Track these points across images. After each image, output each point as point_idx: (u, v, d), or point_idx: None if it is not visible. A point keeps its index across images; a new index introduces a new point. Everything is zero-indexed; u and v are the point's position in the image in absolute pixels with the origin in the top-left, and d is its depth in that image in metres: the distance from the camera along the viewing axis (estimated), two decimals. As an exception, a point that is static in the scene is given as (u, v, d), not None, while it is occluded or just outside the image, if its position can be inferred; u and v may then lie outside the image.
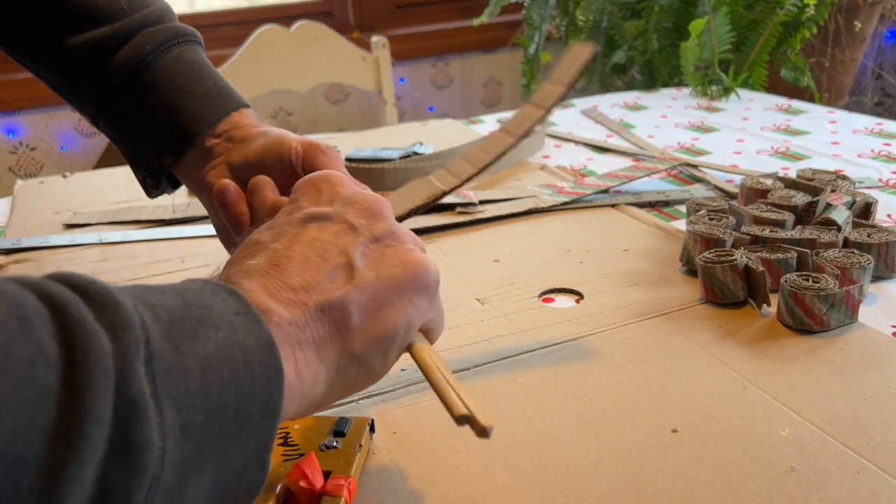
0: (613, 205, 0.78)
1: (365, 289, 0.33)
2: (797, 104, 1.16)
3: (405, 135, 1.09)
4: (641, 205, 0.79)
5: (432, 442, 0.43)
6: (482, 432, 0.32)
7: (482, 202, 0.79)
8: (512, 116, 0.57)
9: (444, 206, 0.77)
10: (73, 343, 0.22)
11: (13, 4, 0.53)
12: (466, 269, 0.65)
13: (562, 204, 0.78)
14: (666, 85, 1.47)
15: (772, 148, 0.96)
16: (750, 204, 0.68)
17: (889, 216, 0.73)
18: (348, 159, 0.92)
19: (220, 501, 0.27)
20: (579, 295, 0.60)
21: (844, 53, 1.67)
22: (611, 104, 1.24)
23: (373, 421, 0.43)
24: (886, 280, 0.60)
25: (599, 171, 0.90)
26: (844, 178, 0.73)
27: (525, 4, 1.81)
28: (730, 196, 0.78)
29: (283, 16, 1.94)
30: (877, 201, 0.68)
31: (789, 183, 0.72)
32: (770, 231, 0.62)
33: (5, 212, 0.90)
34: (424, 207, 0.55)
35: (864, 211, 0.68)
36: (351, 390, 0.35)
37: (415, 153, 0.95)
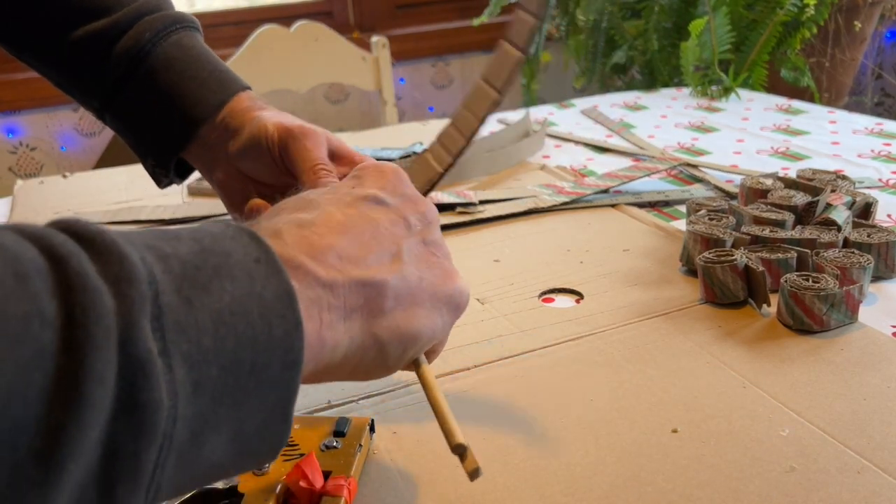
0: (613, 205, 0.78)
1: (406, 281, 0.34)
2: (797, 104, 1.16)
3: (405, 135, 1.09)
4: (641, 205, 0.79)
5: (432, 442, 0.43)
6: (475, 472, 0.32)
7: (482, 202, 0.79)
8: (490, 60, 0.55)
9: (444, 206, 0.77)
10: (73, 299, 0.21)
11: (14, 4, 0.53)
12: (466, 269, 0.65)
13: (562, 204, 0.78)
14: (666, 85, 1.47)
15: (772, 148, 0.96)
16: (750, 204, 0.68)
17: (889, 216, 0.73)
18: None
19: (242, 458, 0.27)
20: (579, 295, 0.60)
21: (844, 53, 1.67)
22: (611, 104, 1.24)
23: (373, 421, 0.43)
24: (886, 280, 0.60)
25: (599, 171, 0.90)
26: (844, 178, 0.73)
27: (525, 4, 1.80)
28: (730, 196, 0.78)
29: (283, 16, 1.94)
30: (877, 201, 0.68)
31: (789, 183, 0.72)
32: (770, 231, 0.62)
33: (5, 212, 0.90)
34: (426, 193, 0.55)
35: (864, 211, 0.68)
36: (359, 374, 0.34)
37: (415, 153, 0.94)
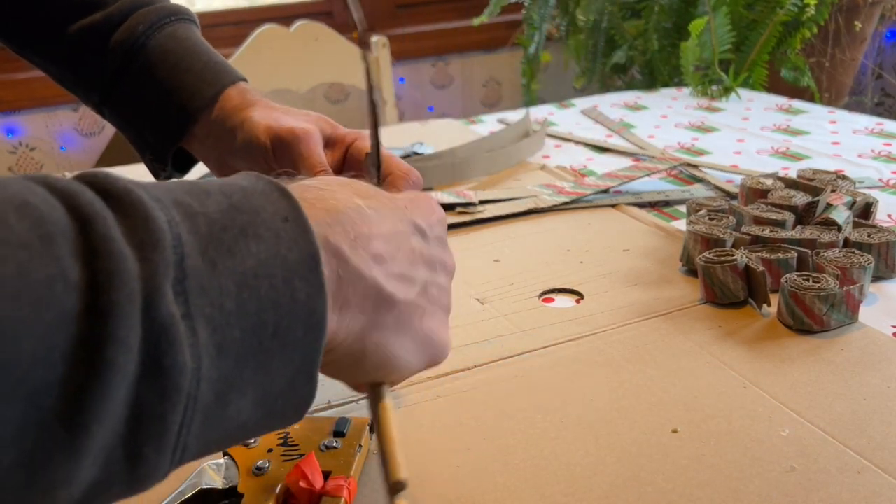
0: (613, 205, 0.78)
1: (412, 310, 0.34)
2: (797, 104, 1.16)
3: (405, 135, 1.10)
4: (641, 205, 0.79)
5: (432, 442, 0.43)
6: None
7: (482, 202, 0.79)
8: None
9: (444, 207, 0.77)
10: (97, 264, 0.21)
11: (14, 2, 0.53)
12: (466, 269, 0.65)
13: (562, 204, 0.78)
14: (666, 85, 1.47)
15: (772, 148, 0.96)
16: (750, 204, 0.68)
17: (889, 216, 0.73)
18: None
19: (268, 419, 0.27)
20: (579, 295, 0.60)
21: (844, 53, 1.67)
22: (611, 104, 1.24)
23: (373, 421, 0.43)
24: (886, 280, 0.60)
25: (599, 171, 0.90)
26: (845, 178, 0.73)
27: (525, 4, 1.81)
28: (730, 196, 0.78)
29: (283, 16, 1.94)
30: (877, 201, 0.68)
31: (789, 183, 0.72)
32: (770, 231, 0.62)
33: (5, 212, 0.90)
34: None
35: (865, 211, 0.67)
36: (337, 373, 0.34)
37: (415, 153, 0.95)
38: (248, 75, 0.57)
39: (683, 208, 0.76)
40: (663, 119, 1.14)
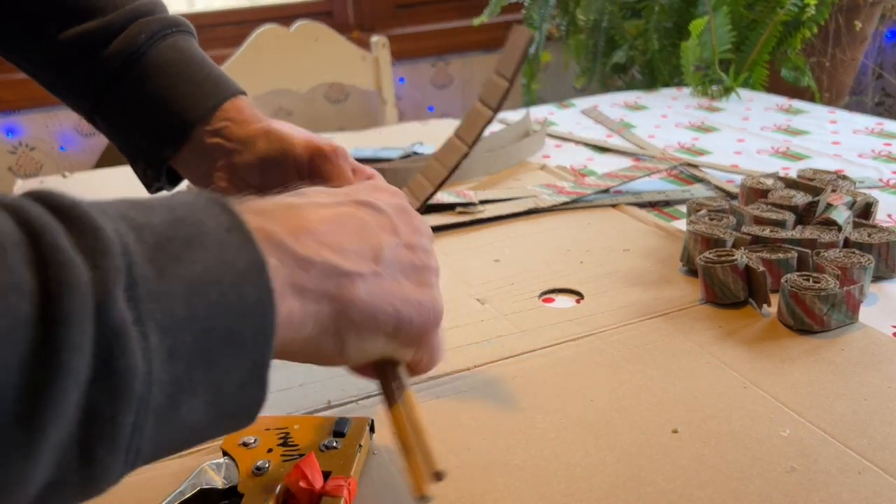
0: (613, 205, 0.78)
1: (381, 279, 0.34)
2: (797, 104, 1.16)
3: (405, 135, 1.09)
4: (642, 205, 0.79)
5: (432, 442, 0.43)
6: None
7: (482, 202, 0.79)
8: (464, 118, 0.57)
9: (444, 207, 0.77)
10: (49, 272, 0.22)
11: (2, 3, 0.52)
12: (466, 269, 0.65)
13: (562, 204, 0.78)
14: (666, 85, 1.47)
15: (772, 148, 0.96)
16: (750, 204, 0.68)
17: (889, 216, 0.72)
18: (348, 159, 0.92)
19: (220, 420, 0.28)
20: (579, 295, 0.60)
21: (845, 53, 1.66)
22: (611, 104, 1.24)
23: (373, 421, 0.43)
24: (887, 280, 0.60)
25: (599, 171, 0.89)
26: (845, 178, 0.73)
27: (525, 4, 1.81)
28: (730, 196, 0.78)
29: (283, 16, 1.94)
30: (877, 201, 0.68)
31: (790, 183, 0.72)
32: (770, 231, 0.62)
33: (5, 212, 0.90)
34: None
35: (865, 211, 0.67)
36: (319, 359, 0.34)
37: (415, 153, 0.94)
38: (248, 75, 0.57)
39: (683, 208, 0.76)
40: (663, 119, 1.14)
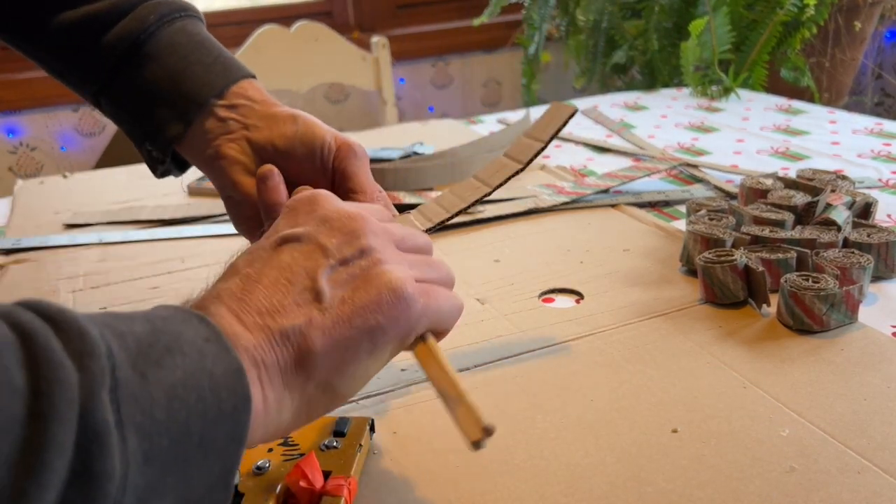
0: (613, 205, 0.78)
1: (328, 313, 0.33)
2: (797, 104, 1.16)
3: (405, 135, 1.10)
4: (641, 205, 0.79)
5: (432, 442, 0.43)
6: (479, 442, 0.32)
7: (482, 202, 0.79)
8: (488, 165, 0.58)
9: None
10: (39, 372, 0.23)
11: None
12: (466, 269, 0.65)
13: (562, 204, 0.78)
14: (666, 85, 1.47)
15: (772, 148, 0.96)
16: (750, 204, 0.68)
17: (889, 216, 0.73)
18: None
19: None
20: (579, 295, 0.60)
21: (844, 53, 1.67)
22: (611, 104, 1.24)
23: (373, 421, 0.43)
24: (886, 280, 0.60)
25: (599, 171, 0.90)
26: (844, 178, 0.73)
27: (525, 4, 1.81)
28: (730, 196, 0.78)
29: (284, 16, 1.94)
30: (877, 201, 0.68)
31: (789, 183, 0.72)
32: (770, 231, 0.62)
33: (5, 212, 0.90)
34: None
35: (864, 211, 0.68)
36: (319, 413, 0.34)
37: (415, 153, 0.95)
38: (249, 75, 0.57)
39: (683, 208, 0.76)
40: (663, 119, 1.14)
